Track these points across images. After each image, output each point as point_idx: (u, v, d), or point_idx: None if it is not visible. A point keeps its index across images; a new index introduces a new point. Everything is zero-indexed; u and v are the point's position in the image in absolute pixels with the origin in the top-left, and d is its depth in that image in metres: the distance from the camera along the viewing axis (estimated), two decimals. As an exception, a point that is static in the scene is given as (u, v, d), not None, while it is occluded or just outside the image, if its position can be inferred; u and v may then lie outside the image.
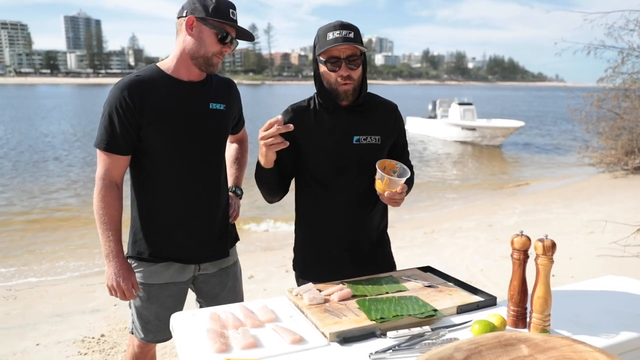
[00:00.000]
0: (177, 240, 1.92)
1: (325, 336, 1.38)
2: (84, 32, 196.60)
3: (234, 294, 2.09)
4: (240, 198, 2.21)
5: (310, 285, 1.69)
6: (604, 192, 9.46)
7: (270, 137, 1.65)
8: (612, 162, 11.44)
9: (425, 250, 5.84)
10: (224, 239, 2.03)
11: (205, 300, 2.05)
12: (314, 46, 1.83)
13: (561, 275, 4.47)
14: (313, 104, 1.91)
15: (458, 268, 4.93)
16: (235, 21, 1.81)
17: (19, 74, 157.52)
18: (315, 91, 1.91)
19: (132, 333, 2.03)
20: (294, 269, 2.06)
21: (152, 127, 1.80)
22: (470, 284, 1.74)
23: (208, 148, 1.92)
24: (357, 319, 1.44)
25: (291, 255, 2.08)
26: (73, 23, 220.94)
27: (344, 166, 1.88)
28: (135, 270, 1.91)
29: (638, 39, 9.70)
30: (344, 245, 1.93)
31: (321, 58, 1.79)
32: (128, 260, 1.92)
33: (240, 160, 2.26)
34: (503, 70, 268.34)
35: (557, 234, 6.01)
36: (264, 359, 1.26)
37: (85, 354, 3.30)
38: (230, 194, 2.12)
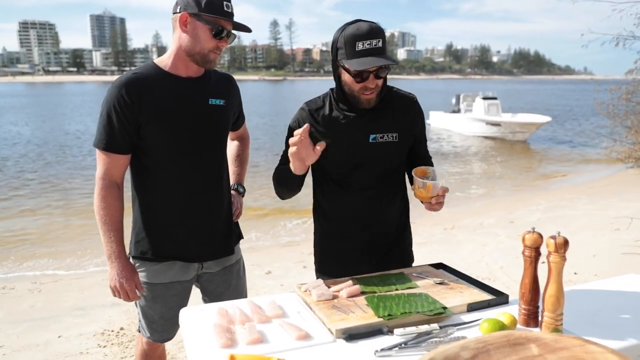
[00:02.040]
0: (179, 238, 1.90)
1: (331, 332, 1.37)
2: (109, 30, 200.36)
3: (237, 293, 2.07)
4: (243, 196, 2.19)
5: (319, 281, 1.69)
6: (631, 188, 9.19)
7: (294, 146, 1.66)
8: (641, 157, 11.11)
9: (444, 247, 5.77)
10: (227, 237, 2.01)
11: (210, 299, 2.04)
12: (335, 47, 1.75)
13: (584, 273, 4.37)
14: (329, 102, 1.88)
15: (478, 265, 4.85)
16: (230, 14, 1.76)
17: (47, 72, 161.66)
18: (330, 87, 1.88)
19: (140, 331, 2.04)
20: (315, 264, 2.06)
21: (151, 125, 1.77)
22: (490, 282, 1.71)
23: (208, 144, 1.90)
24: (364, 316, 1.43)
25: (310, 250, 2.08)
26: (98, 22, 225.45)
27: (361, 165, 1.86)
28: (138, 270, 1.91)
29: (670, 29, 9.34)
30: (361, 241, 1.92)
31: (346, 66, 1.72)
32: (131, 261, 1.91)
33: (241, 157, 2.23)
34: (529, 63, 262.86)
35: (582, 230, 5.86)
36: (269, 355, 1.26)
37: (105, 346, 3.37)
38: (232, 191, 2.11)
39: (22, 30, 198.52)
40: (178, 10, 1.75)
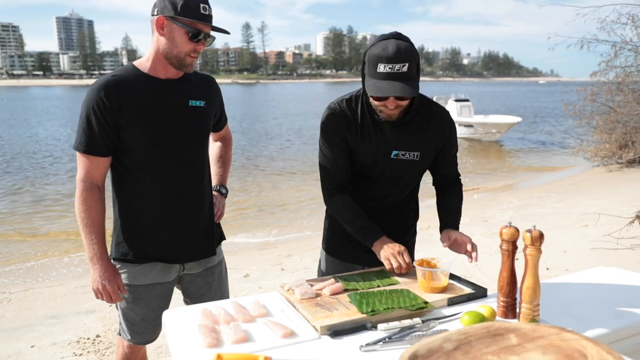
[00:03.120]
0: (160, 239, 1.88)
1: (316, 329, 1.38)
2: (77, 33, 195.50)
3: (219, 294, 2.07)
4: (225, 197, 2.18)
5: (302, 279, 1.70)
6: (598, 186, 9.50)
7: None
8: (607, 155, 11.49)
9: (420, 246, 5.78)
10: (209, 237, 2.01)
11: (192, 300, 2.02)
12: (363, 59, 1.71)
13: (556, 268, 4.49)
14: (361, 106, 1.85)
15: (454, 263, 4.92)
16: (207, 17, 1.74)
17: (11, 76, 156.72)
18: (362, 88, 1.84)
19: (120, 335, 2.01)
20: (323, 247, 2.13)
21: (132, 127, 1.76)
22: (466, 279, 1.75)
23: (189, 146, 1.88)
24: (348, 312, 1.45)
25: (287, 253, 2.10)
26: (65, 24, 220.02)
27: (379, 176, 1.90)
28: (121, 271, 1.88)
29: (630, 32, 9.73)
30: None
31: (365, 82, 1.69)
32: (114, 262, 1.89)
33: (224, 158, 2.23)
34: (498, 65, 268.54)
35: (552, 227, 6.03)
36: (256, 353, 1.27)
37: (81, 354, 3.29)
38: (214, 192, 2.10)
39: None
40: (155, 13, 1.74)
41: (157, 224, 1.88)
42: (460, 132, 18.86)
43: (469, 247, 1.75)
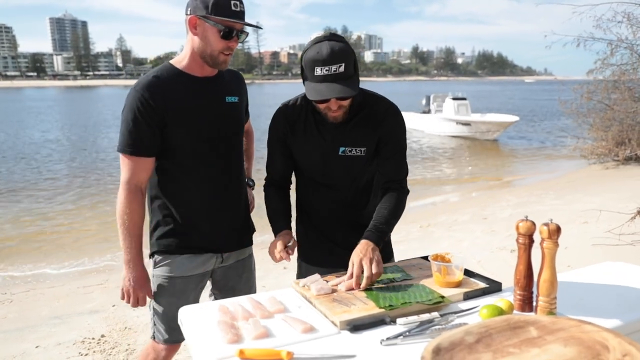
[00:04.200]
0: (204, 230, 1.93)
1: (335, 325, 1.39)
2: (70, 34, 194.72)
3: (248, 287, 2.12)
4: (253, 189, 2.26)
5: (316, 276, 1.70)
6: (595, 183, 9.55)
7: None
8: (603, 153, 11.54)
9: (421, 244, 5.86)
10: (247, 227, 2.10)
11: (222, 292, 2.06)
12: (301, 64, 1.73)
13: (558, 264, 4.50)
14: (304, 108, 1.88)
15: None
16: (239, 13, 1.76)
17: (5, 77, 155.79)
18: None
19: (154, 338, 1.99)
20: (298, 255, 2.10)
21: (176, 125, 1.80)
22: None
23: (229, 141, 1.95)
24: (366, 307, 1.45)
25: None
26: (59, 25, 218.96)
27: (330, 173, 1.91)
28: (160, 265, 1.93)
29: (626, 30, 9.80)
30: (338, 237, 1.98)
31: (305, 87, 1.71)
32: (154, 257, 1.95)
33: (248, 152, 2.29)
34: (492, 65, 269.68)
35: (552, 224, 6.05)
36: (277, 348, 1.27)
37: (86, 354, 3.28)
38: None
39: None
40: (188, 13, 1.77)
41: (201, 215, 1.93)
42: (458, 130, 18.93)
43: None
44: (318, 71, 1.62)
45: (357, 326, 1.37)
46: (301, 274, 2.07)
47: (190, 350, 1.37)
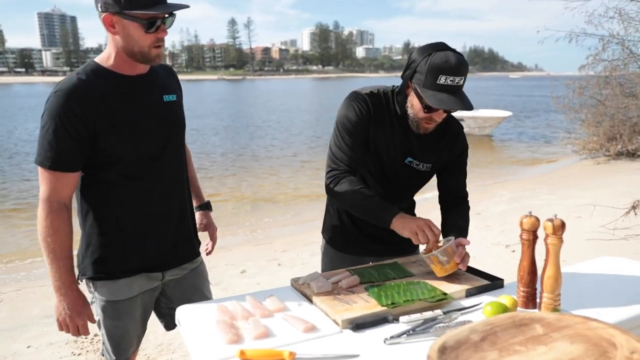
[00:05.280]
0: (147, 249, 1.72)
1: (337, 323, 1.36)
2: (59, 29, 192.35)
3: (204, 295, 1.93)
4: (211, 211, 2.09)
5: (316, 273, 1.68)
6: (588, 178, 9.61)
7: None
8: (595, 148, 11.62)
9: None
10: (194, 238, 1.89)
11: (176, 305, 1.77)
12: (414, 68, 1.64)
13: (552, 259, 4.52)
14: (390, 107, 1.81)
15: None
16: (158, 1, 1.50)
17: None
18: (393, 86, 1.83)
19: (104, 355, 1.82)
20: (323, 236, 2.10)
21: (109, 133, 1.56)
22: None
23: (171, 143, 1.72)
24: (368, 305, 1.43)
25: (282, 249, 2.06)
26: (47, 20, 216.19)
27: (388, 176, 1.88)
28: (99, 290, 1.72)
29: (617, 26, 9.86)
30: (368, 228, 1.96)
31: (421, 94, 1.64)
32: (90, 282, 1.72)
33: (190, 172, 1.99)
34: (483, 60, 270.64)
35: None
36: (278, 348, 1.24)
37: (79, 354, 3.24)
38: (200, 212, 2.03)
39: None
40: (100, 10, 1.53)
41: (143, 232, 1.71)
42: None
43: (456, 259, 1.66)
44: (442, 80, 1.58)
45: (359, 325, 1.34)
46: (328, 259, 2.06)
47: (189, 351, 1.34)
